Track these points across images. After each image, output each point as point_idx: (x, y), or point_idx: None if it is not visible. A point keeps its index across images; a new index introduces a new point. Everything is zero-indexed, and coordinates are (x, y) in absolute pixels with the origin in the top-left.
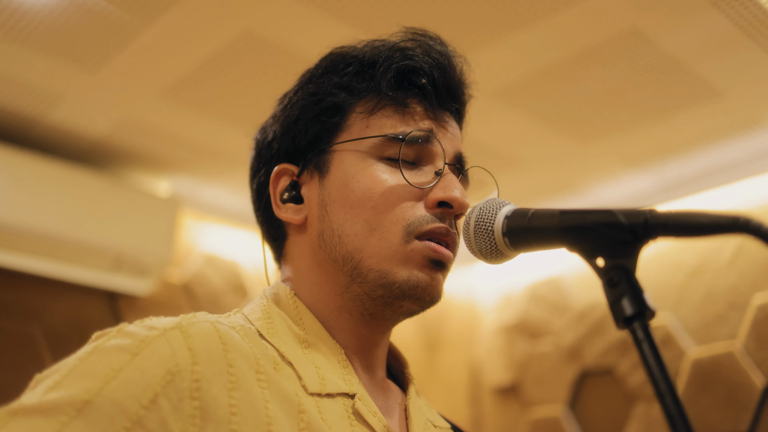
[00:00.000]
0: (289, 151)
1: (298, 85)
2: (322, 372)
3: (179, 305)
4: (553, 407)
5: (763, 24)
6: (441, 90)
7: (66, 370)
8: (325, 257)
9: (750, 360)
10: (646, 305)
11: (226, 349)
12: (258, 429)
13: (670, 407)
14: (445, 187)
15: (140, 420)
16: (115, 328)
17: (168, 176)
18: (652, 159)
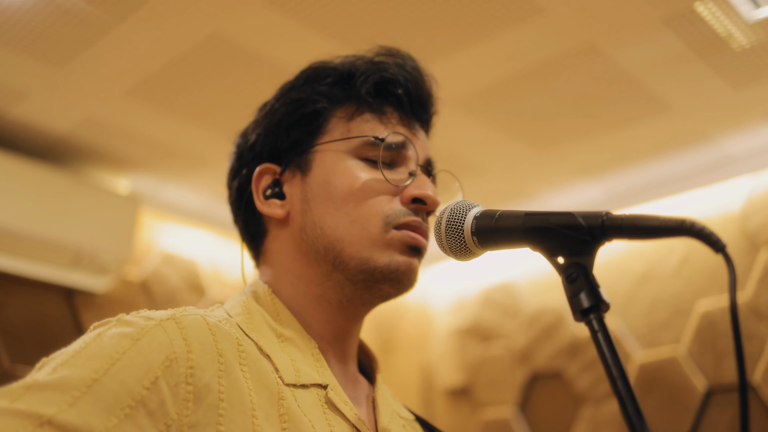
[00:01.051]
0: (271, 152)
1: (279, 93)
2: (297, 364)
3: (137, 303)
4: (504, 409)
5: (711, 43)
6: (414, 101)
7: (72, 353)
8: (308, 248)
9: (693, 364)
10: (601, 299)
11: (216, 340)
12: (243, 414)
13: (621, 389)
14: (419, 185)
15: (142, 399)
16: (115, 318)
17: (128, 174)
18: (605, 168)
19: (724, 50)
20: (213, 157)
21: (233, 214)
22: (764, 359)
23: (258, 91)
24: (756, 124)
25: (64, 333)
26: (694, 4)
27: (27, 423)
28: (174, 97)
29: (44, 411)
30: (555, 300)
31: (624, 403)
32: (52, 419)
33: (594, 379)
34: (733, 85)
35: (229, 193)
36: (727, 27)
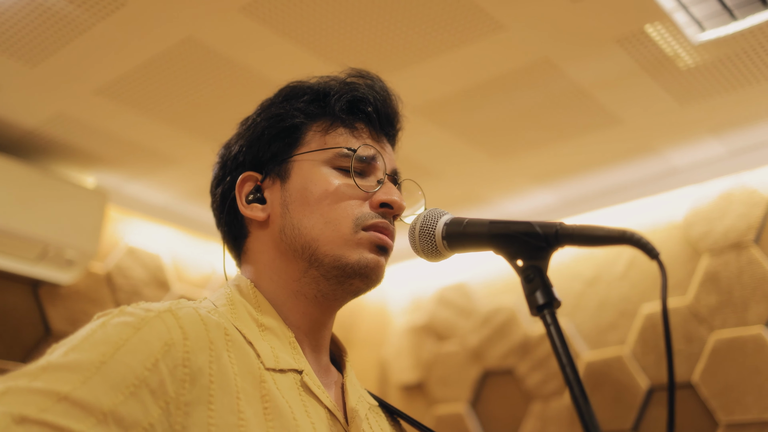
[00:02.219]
0: (253, 162)
1: (260, 109)
2: (276, 351)
3: (101, 295)
4: (457, 404)
5: (659, 62)
6: (382, 117)
7: (81, 339)
8: (287, 247)
9: (636, 364)
10: (554, 297)
11: (207, 329)
12: (229, 395)
13: (570, 375)
14: (386, 191)
15: (145, 380)
16: (117, 309)
17: (94, 171)
18: (557, 176)
19: (672, 69)
20: (179, 155)
21: (216, 218)
22: (703, 360)
23: (229, 95)
24: (700, 138)
25: (29, 324)
26: (645, 25)
27: (46, 399)
28: (145, 97)
29: (60, 388)
30: (508, 300)
31: (572, 387)
32: (68, 395)
33: (543, 377)
34: (679, 101)
35: (213, 200)
36: (674, 48)
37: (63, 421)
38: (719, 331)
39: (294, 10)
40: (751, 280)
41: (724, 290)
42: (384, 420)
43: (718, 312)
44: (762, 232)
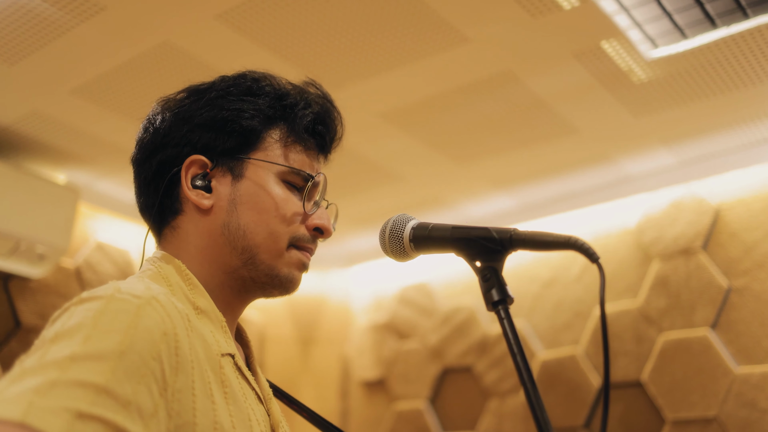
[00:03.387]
0: (205, 146)
1: (220, 92)
2: (215, 335)
3: (71, 290)
4: (417, 401)
5: (614, 76)
6: (332, 142)
7: (89, 324)
8: (225, 242)
9: (589, 363)
10: (508, 294)
11: (182, 317)
12: (203, 381)
13: (520, 363)
14: (320, 217)
15: (152, 369)
16: (108, 294)
17: (66, 168)
18: (516, 182)
19: (626, 83)
20: None
21: (143, 184)
22: (652, 360)
23: None
24: (652, 148)
25: None
26: (601, 41)
27: (89, 391)
28: (119, 99)
29: (97, 380)
30: (468, 301)
31: (521, 371)
32: (105, 387)
33: (500, 375)
34: (633, 113)
35: (144, 163)
36: (628, 63)
37: (110, 414)
38: (667, 332)
39: (267, 19)
40: (699, 285)
41: (672, 294)
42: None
43: (666, 314)
44: (709, 239)
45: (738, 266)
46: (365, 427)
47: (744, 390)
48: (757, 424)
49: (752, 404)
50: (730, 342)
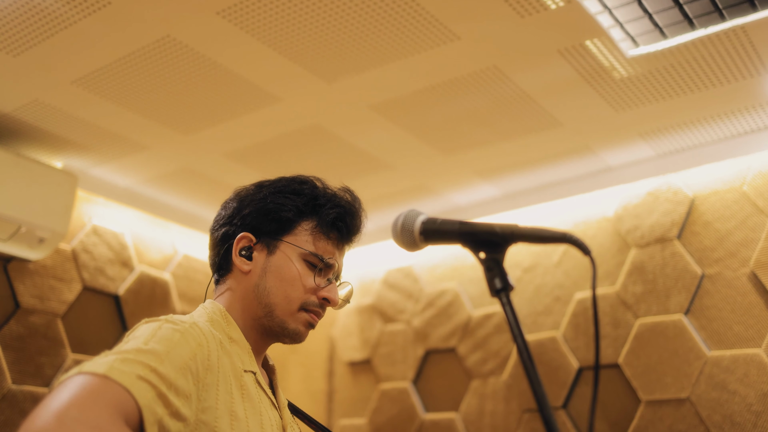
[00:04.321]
0: (253, 227)
1: (273, 188)
2: (242, 357)
3: (67, 272)
4: (401, 381)
5: (597, 72)
6: (351, 235)
7: (150, 335)
8: (254, 297)
9: (568, 346)
10: (509, 282)
11: (215, 338)
12: (226, 383)
13: (520, 344)
14: (329, 290)
15: (189, 366)
16: (162, 318)
17: (63, 155)
18: (501, 172)
19: (607, 79)
20: (147, 142)
21: (211, 245)
22: (628, 343)
23: (200, 90)
24: (631, 141)
25: None
26: (584, 39)
27: (145, 368)
28: (119, 89)
29: (151, 363)
30: (452, 285)
31: (521, 351)
32: (155, 369)
33: (483, 357)
34: (614, 107)
35: (214, 233)
36: (610, 60)
37: (156, 383)
38: (643, 317)
39: (267, 15)
40: (674, 272)
41: (649, 280)
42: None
43: (643, 300)
44: (684, 228)
45: (711, 254)
46: (351, 407)
47: (715, 372)
48: (727, 405)
49: (722, 386)
50: (703, 327)
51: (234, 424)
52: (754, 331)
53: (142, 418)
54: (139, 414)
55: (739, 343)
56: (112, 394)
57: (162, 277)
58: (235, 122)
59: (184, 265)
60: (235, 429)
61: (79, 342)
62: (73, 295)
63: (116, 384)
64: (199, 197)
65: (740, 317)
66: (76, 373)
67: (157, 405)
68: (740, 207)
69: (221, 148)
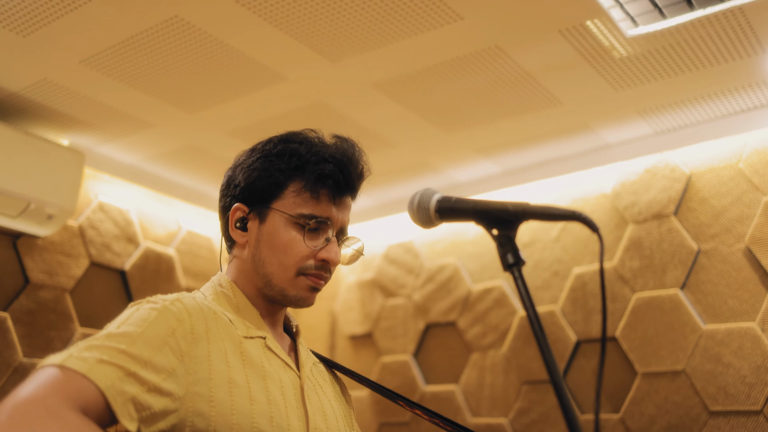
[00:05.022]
0: (245, 197)
1: (261, 152)
2: (248, 325)
3: (75, 248)
4: (402, 354)
5: (596, 51)
6: (341, 187)
7: (125, 318)
8: (252, 268)
9: (566, 320)
10: (520, 258)
11: (203, 311)
12: (220, 353)
13: (532, 315)
14: (327, 250)
15: (167, 342)
16: (144, 300)
17: (69, 133)
18: (501, 149)
19: (607, 58)
20: (153, 120)
21: (220, 218)
22: (625, 317)
23: (208, 70)
24: (629, 119)
25: (9, 274)
26: (584, 19)
27: (112, 351)
28: (127, 68)
29: (119, 346)
30: (452, 259)
31: (532, 322)
32: (123, 350)
33: (482, 331)
34: (613, 86)
35: (220, 205)
36: (610, 40)
37: (122, 363)
38: (640, 291)
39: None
40: (670, 247)
41: (645, 255)
42: (324, 372)
43: (640, 275)
44: (681, 205)
45: (707, 230)
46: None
47: (710, 345)
48: (721, 377)
49: (717, 358)
50: (698, 301)
51: (234, 390)
52: (748, 305)
53: (107, 399)
54: (103, 396)
55: (733, 317)
56: (68, 382)
57: (167, 252)
58: (239, 101)
59: (188, 240)
60: (235, 396)
61: (87, 316)
62: (80, 271)
63: (73, 372)
64: (204, 174)
65: (735, 292)
66: (39, 366)
67: (125, 384)
68: (736, 184)
69: (226, 126)
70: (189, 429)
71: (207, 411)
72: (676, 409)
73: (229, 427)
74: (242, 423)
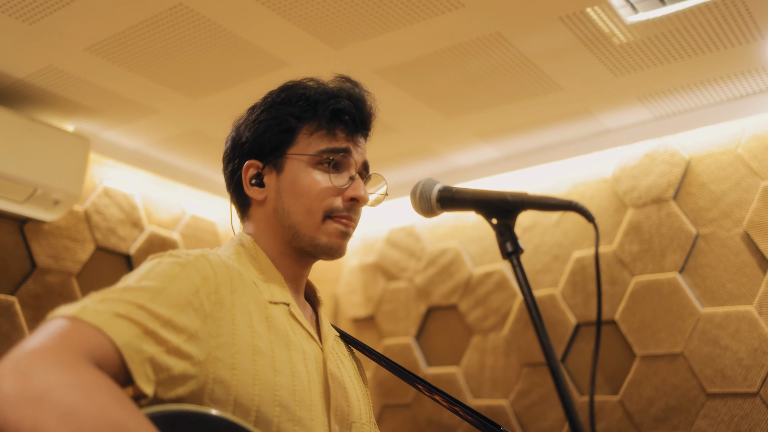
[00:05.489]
0: (256, 152)
1: (264, 105)
2: (271, 289)
3: (81, 233)
4: (404, 337)
5: (596, 38)
6: (357, 122)
7: (147, 271)
8: (277, 223)
9: (566, 303)
10: (519, 246)
11: (228, 270)
12: (244, 316)
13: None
14: (355, 188)
15: (190, 301)
16: (166, 253)
17: (74, 119)
18: (501, 134)
19: (607, 45)
20: (157, 106)
21: (227, 186)
22: (624, 300)
23: (212, 57)
24: (629, 104)
25: (17, 259)
26: (585, 7)
27: (131, 306)
28: (132, 55)
29: (138, 301)
30: (453, 243)
31: (530, 308)
32: (143, 306)
33: (483, 314)
34: (613, 72)
35: (224, 171)
36: (610, 26)
37: (141, 320)
38: (639, 275)
39: None
40: (669, 231)
41: (645, 239)
42: (343, 347)
43: (639, 258)
44: (680, 189)
45: (706, 215)
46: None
47: (708, 328)
48: (719, 359)
49: (714, 341)
50: (697, 285)
51: (257, 359)
52: (745, 289)
53: (123, 357)
54: (119, 354)
55: (731, 301)
56: (81, 335)
57: (171, 236)
58: (242, 86)
59: (191, 225)
60: (259, 364)
61: None
62: (86, 255)
63: (87, 325)
64: (207, 159)
65: (733, 275)
66: (50, 317)
67: (143, 342)
68: (734, 169)
69: (229, 112)
70: (208, 397)
71: (228, 378)
72: (674, 391)
73: (250, 397)
74: (264, 394)
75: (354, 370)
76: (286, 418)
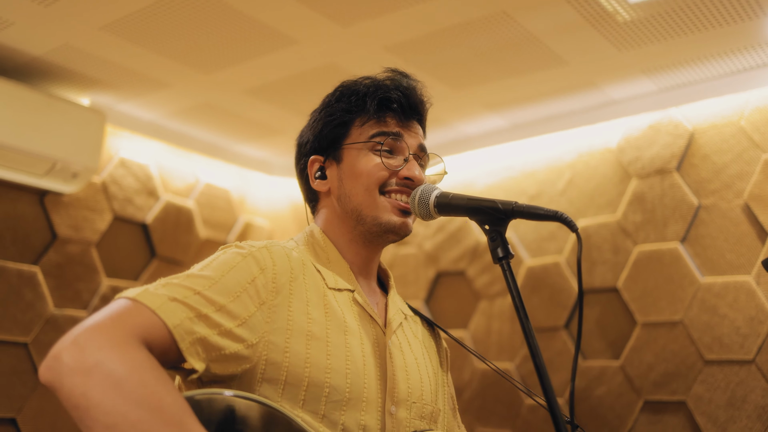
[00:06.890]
0: (317, 148)
1: (322, 107)
2: (336, 277)
3: (99, 203)
4: (414, 302)
5: (599, 14)
6: (406, 109)
7: (210, 261)
8: (342, 210)
9: (570, 270)
10: (509, 251)
11: (290, 260)
12: (301, 303)
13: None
14: (408, 168)
15: (246, 289)
16: (233, 244)
17: (89, 93)
18: (508, 105)
19: (611, 22)
20: (170, 80)
21: (299, 184)
22: (627, 269)
23: (224, 35)
24: (634, 77)
25: (38, 230)
26: None
27: (188, 292)
28: (146, 33)
29: (196, 287)
30: None
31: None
32: (200, 292)
33: (490, 279)
34: (618, 48)
35: (297, 178)
36: (613, 5)
37: (195, 305)
38: (642, 244)
39: None
40: (672, 202)
41: (648, 209)
42: (419, 325)
43: (642, 228)
44: (683, 161)
45: (708, 186)
46: None
47: (707, 297)
48: (717, 327)
49: (713, 310)
50: (697, 254)
51: (311, 343)
52: (745, 260)
53: (174, 337)
54: (170, 334)
55: (730, 271)
56: (137, 316)
57: (186, 205)
58: (252, 62)
59: (206, 193)
60: (312, 348)
61: (112, 268)
62: (105, 225)
63: (143, 306)
64: (219, 129)
65: (733, 246)
66: (116, 297)
67: (195, 325)
68: (737, 141)
69: (239, 86)
70: (260, 376)
71: (280, 360)
72: (673, 357)
73: (300, 378)
74: (315, 375)
75: (425, 351)
76: (335, 398)
